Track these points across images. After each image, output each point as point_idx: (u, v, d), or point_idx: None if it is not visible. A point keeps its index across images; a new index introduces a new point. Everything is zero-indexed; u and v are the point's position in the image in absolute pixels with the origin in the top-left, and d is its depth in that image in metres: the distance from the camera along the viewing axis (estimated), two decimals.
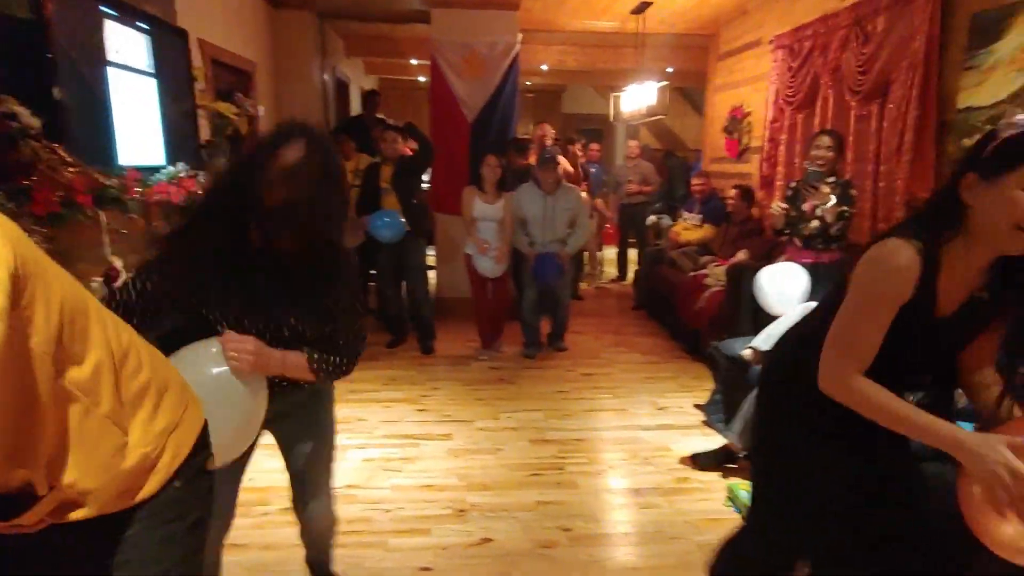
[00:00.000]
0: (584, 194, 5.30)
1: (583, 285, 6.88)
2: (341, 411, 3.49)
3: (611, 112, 6.65)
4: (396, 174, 4.41)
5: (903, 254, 1.20)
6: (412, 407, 3.68)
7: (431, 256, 5.79)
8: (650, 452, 3.16)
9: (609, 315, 6.00)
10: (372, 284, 5.03)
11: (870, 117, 3.83)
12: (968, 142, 3.19)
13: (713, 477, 2.87)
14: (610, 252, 7.64)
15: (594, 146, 7.31)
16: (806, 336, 1.46)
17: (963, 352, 1.37)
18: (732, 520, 2.55)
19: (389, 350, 4.72)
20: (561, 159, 6.13)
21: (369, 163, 4.65)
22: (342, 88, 6.81)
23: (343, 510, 2.55)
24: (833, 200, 3.38)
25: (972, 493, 1.18)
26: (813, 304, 2.69)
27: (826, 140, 3.48)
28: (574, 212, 4.45)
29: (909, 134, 3.44)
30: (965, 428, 1.27)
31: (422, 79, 8.23)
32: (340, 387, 3.90)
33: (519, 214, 4.39)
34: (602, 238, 7.34)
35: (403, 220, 4.33)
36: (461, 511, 2.60)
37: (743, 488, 2.66)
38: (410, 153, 4.58)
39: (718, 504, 2.67)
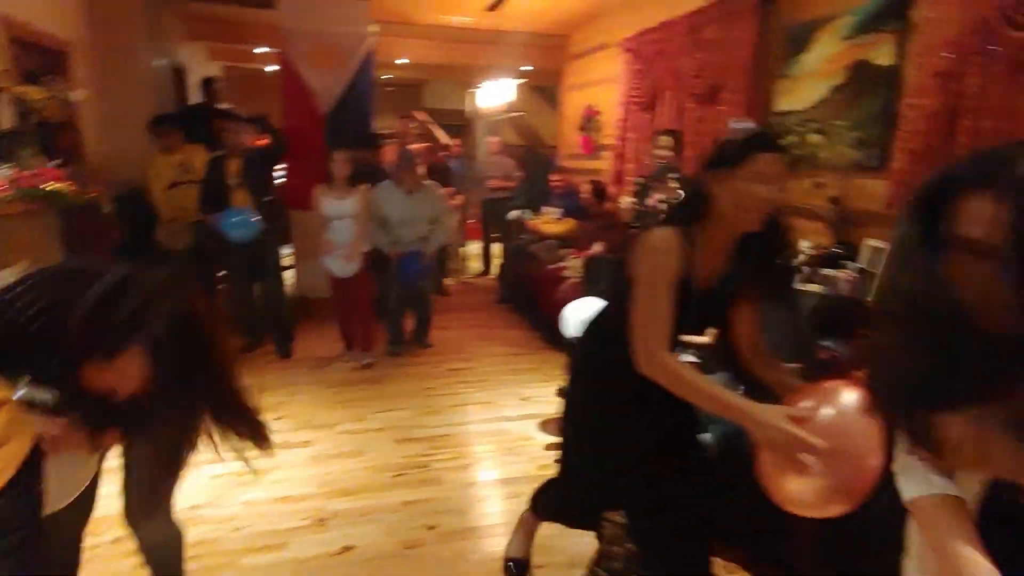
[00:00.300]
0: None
1: (448, 280, 6.87)
2: None
3: (471, 108, 6.68)
4: (245, 168, 4.13)
5: (665, 236, 1.45)
6: (269, 415, 3.41)
7: (288, 254, 5.51)
8: (515, 442, 3.22)
9: (475, 309, 6.04)
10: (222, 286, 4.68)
11: (706, 118, 4.16)
12: (784, 142, 3.55)
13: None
14: (474, 247, 7.68)
15: (455, 141, 7.30)
16: (601, 324, 1.73)
17: (730, 320, 1.63)
18: None
19: (243, 356, 4.42)
20: (434, 128, 6.05)
21: (212, 156, 4.31)
22: (180, 75, 6.25)
23: (187, 533, 2.36)
24: (682, 194, 3.62)
25: (763, 460, 1.33)
26: None
27: (666, 139, 3.73)
28: (435, 210, 4.43)
29: None
30: None
31: (272, 68, 7.78)
32: None
33: (379, 213, 4.28)
34: (465, 233, 7.37)
35: (255, 218, 4.06)
36: (321, 520, 2.49)
37: None
38: (259, 146, 4.31)
39: None
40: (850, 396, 1.26)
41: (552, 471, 2.84)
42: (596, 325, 1.77)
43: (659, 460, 1.65)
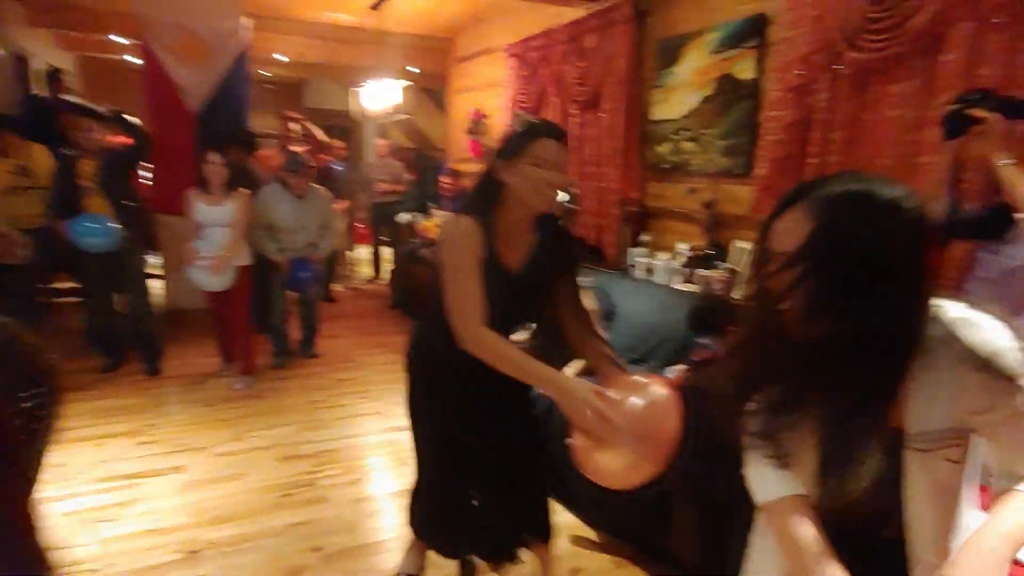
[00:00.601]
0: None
1: (337, 287, 6.64)
2: None
3: (356, 109, 6.49)
4: (101, 170, 3.74)
5: (462, 223, 1.55)
6: (133, 440, 3.17)
7: (155, 264, 5.08)
8: (408, 452, 3.12)
9: (364, 316, 5.87)
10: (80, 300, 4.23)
11: (588, 125, 4.28)
12: (661, 149, 3.73)
13: None
14: (364, 252, 7.48)
15: (339, 143, 7.07)
16: (429, 318, 1.76)
17: (553, 301, 1.74)
18: None
19: (104, 376, 4.02)
20: (313, 129, 5.79)
21: (63, 157, 3.87)
22: (20, 64, 5.60)
23: None
24: (563, 195, 3.68)
25: (575, 437, 1.47)
26: None
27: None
28: (324, 215, 4.24)
29: (618, 141, 3.92)
30: None
31: (135, 59, 7.16)
32: None
33: (265, 219, 4.02)
34: (354, 237, 7.16)
35: (114, 225, 3.69)
36: (194, 552, 2.30)
37: None
38: (118, 145, 3.92)
39: None
40: (652, 386, 1.45)
41: None
42: (420, 327, 1.88)
43: (490, 441, 1.81)
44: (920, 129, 2.32)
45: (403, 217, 6.87)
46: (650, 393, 1.43)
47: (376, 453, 3.13)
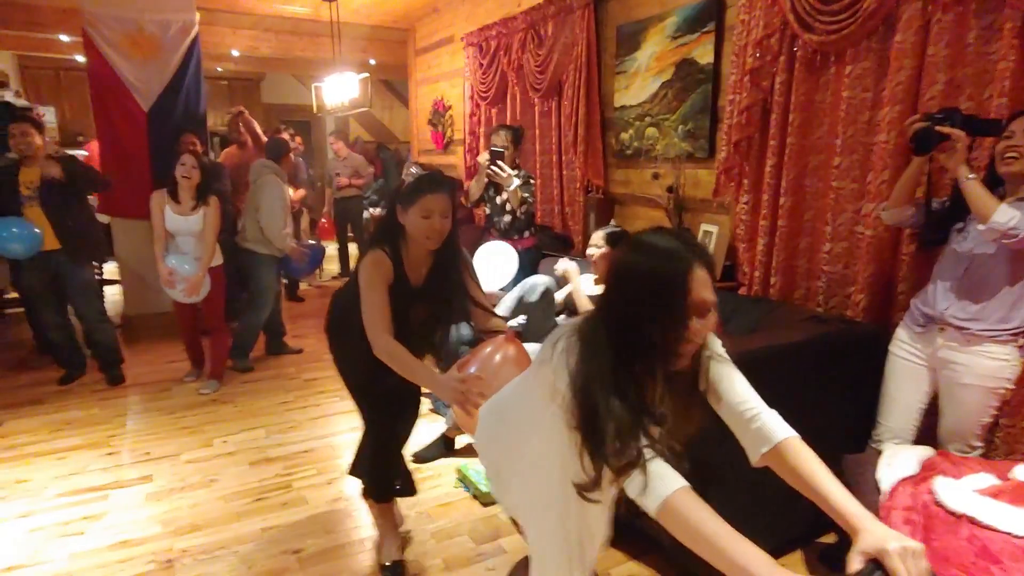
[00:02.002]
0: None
1: (303, 285, 6.54)
2: None
3: (314, 103, 6.36)
4: (45, 191, 3.56)
5: (378, 255, 1.90)
6: (97, 452, 3.07)
7: (112, 269, 4.93)
8: None
9: None
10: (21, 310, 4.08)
11: (550, 113, 4.28)
12: (625, 136, 3.75)
13: (444, 463, 2.95)
14: (330, 248, 7.37)
15: (297, 139, 6.94)
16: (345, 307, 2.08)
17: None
18: (463, 501, 2.65)
19: (63, 388, 3.89)
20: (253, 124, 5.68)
21: (3, 162, 3.69)
22: None
23: None
24: (516, 182, 3.65)
25: (457, 414, 1.83)
26: (535, 280, 3.21)
27: (502, 134, 3.77)
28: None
29: (581, 128, 3.92)
30: None
31: (80, 58, 6.88)
32: None
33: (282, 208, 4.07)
34: (318, 234, 7.04)
35: (35, 231, 3.51)
36: (168, 562, 2.25)
37: (471, 468, 2.78)
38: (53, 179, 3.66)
39: (448, 488, 2.76)
40: (491, 348, 1.92)
41: (417, 474, 2.79)
42: (342, 298, 2.21)
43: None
44: (874, 109, 2.37)
45: (372, 212, 6.79)
46: (496, 359, 1.88)
47: (350, 452, 3.08)
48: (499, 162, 3.61)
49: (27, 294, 3.81)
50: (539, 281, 3.21)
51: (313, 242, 4.12)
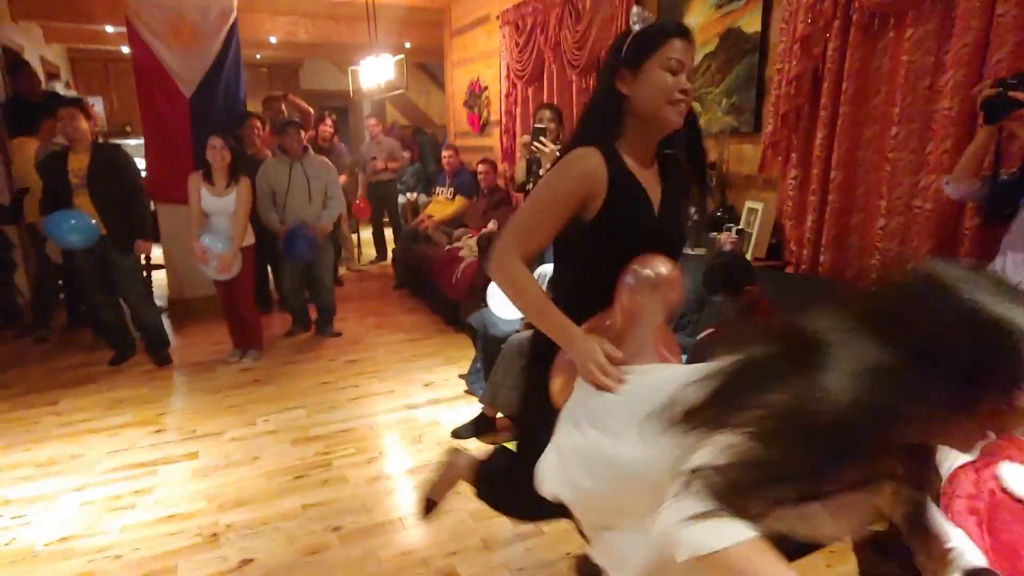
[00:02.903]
0: None
1: (342, 270, 6.61)
2: (45, 451, 2.94)
3: (351, 87, 6.38)
4: (90, 167, 3.64)
5: (591, 159, 1.31)
6: (146, 429, 3.16)
7: (158, 254, 5.05)
8: (421, 429, 3.13)
9: (370, 297, 5.83)
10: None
11: (588, 90, 4.18)
12: None
13: (483, 444, 2.94)
14: (366, 233, 7.43)
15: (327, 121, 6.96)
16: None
17: None
18: None
19: (113, 368, 4.01)
20: (298, 101, 5.75)
21: (52, 152, 3.79)
22: (13, 58, 5.52)
23: (56, 569, 2.11)
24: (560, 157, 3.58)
25: (555, 381, 1.34)
26: (545, 269, 2.93)
27: (547, 113, 3.70)
28: (325, 181, 4.20)
29: None
30: None
31: (126, 49, 7.05)
32: (44, 421, 3.26)
33: (266, 187, 4.07)
34: (356, 218, 7.09)
35: (91, 222, 3.60)
36: (213, 536, 2.29)
37: (512, 447, 2.76)
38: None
39: None
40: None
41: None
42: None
43: None
44: (936, 74, 2.23)
45: (409, 196, 6.81)
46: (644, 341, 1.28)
47: (389, 432, 3.12)
48: (541, 138, 3.57)
49: (78, 277, 3.92)
50: (546, 270, 3.14)
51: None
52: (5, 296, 4.61)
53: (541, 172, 3.73)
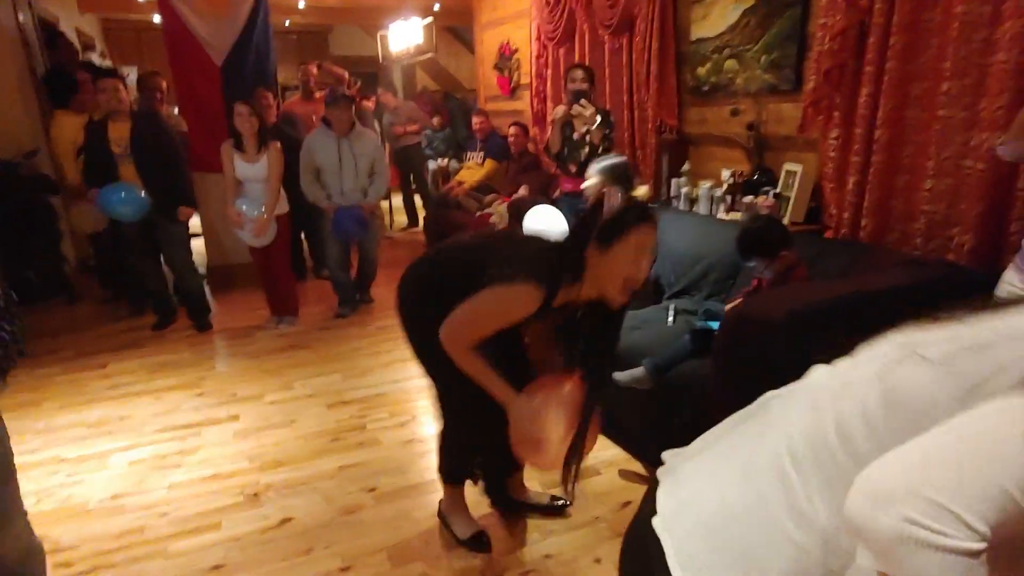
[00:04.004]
0: None
1: None
2: (95, 412, 3.06)
3: (380, 52, 6.32)
4: (136, 148, 3.71)
5: (535, 301, 1.56)
6: (189, 392, 3.27)
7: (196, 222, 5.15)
8: None
9: (401, 264, 5.74)
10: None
11: (621, 50, 4.07)
12: (701, 71, 3.53)
13: None
14: (397, 200, 7.44)
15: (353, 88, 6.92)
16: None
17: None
18: None
19: (156, 333, 4.15)
20: (334, 68, 5.73)
21: (90, 121, 3.87)
22: (50, 29, 5.61)
23: (107, 525, 2.22)
24: (599, 119, 3.56)
25: (514, 439, 1.65)
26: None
27: (579, 73, 3.63)
28: (372, 157, 4.07)
29: (654, 65, 3.72)
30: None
31: (157, 19, 7.09)
32: (94, 384, 3.39)
33: (312, 162, 4.00)
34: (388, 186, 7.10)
35: (142, 195, 3.70)
36: (255, 495, 2.38)
37: None
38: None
39: None
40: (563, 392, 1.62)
41: None
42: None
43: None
44: (992, 25, 2.10)
45: (439, 163, 6.77)
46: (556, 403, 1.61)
47: (421, 396, 3.16)
48: (583, 100, 3.56)
49: (128, 244, 4.03)
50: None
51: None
52: (55, 265, 4.78)
53: (576, 136, 3.68)
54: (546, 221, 3.47)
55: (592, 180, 2.91)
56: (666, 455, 0.96)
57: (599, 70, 4.19)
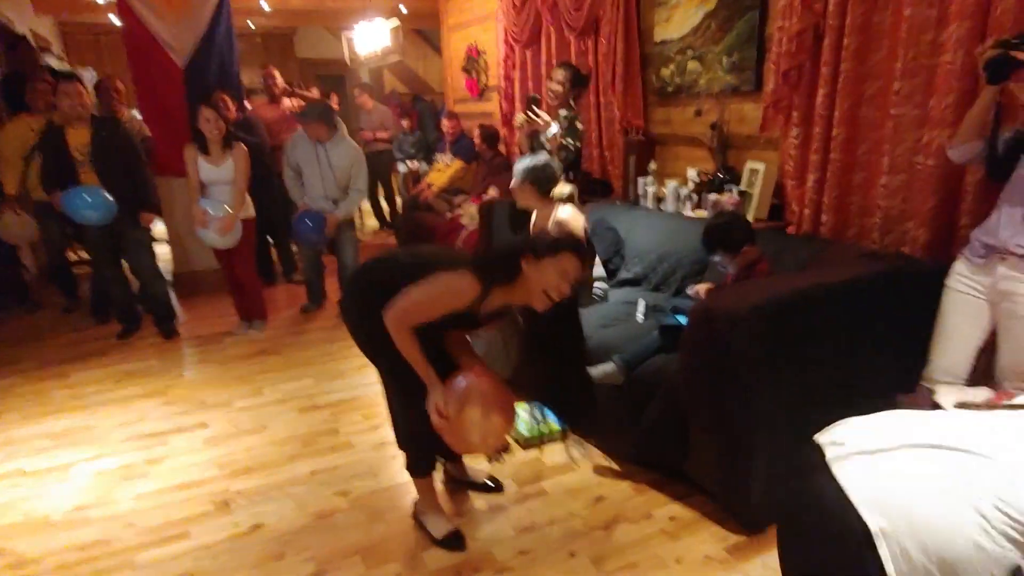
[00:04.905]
0: None
1: None
2: (58, 423, 2.99)
3: (346, 54, 6.28)
4: (94, 140, 3.62)
5: (473, 290, 1.75)
6: (156, 401, 3.21)
7: (160, 228, 5.05)
8: None
9: None
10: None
11: (587, 52, 4.12)
12: (665, 72, 3.59)
13: None
14: (365, 204, 7.39)
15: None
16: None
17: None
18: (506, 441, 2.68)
19: (121, 341, 4.05)
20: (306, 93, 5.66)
21: (47, 125, 3.76)
22: (10, 34, 5.46)
23: (71, 536, 2.17)
24: (554, 128, 3.55)
25: (433, 419, 1.85)
26: None
27: (559, 73, 3.65)
28: (348, 170, 3.94)
29: (620, 66, 3.77)
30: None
31: (117, 21, 6.93)
32: (56, 394, 3.31)
33: (293, 162, 3.98)
34: None
35: (108, 198, 3.59)
36: (225, 503, 2.35)
37: (519, 407, 2.79)
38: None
39: None
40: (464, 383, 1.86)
41: None
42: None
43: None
44: (939, 27, 2.19)
45: (410, 165, 6.74)
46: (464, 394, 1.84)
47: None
48: (534, 107, 3.56)
49: (91, 249, 3.94)
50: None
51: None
52: (13, 273, 4.65)
53: (543, 139, 3.70)
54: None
55: (513, 180, 2.92)
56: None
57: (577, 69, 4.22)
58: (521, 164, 2.93)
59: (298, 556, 2.05)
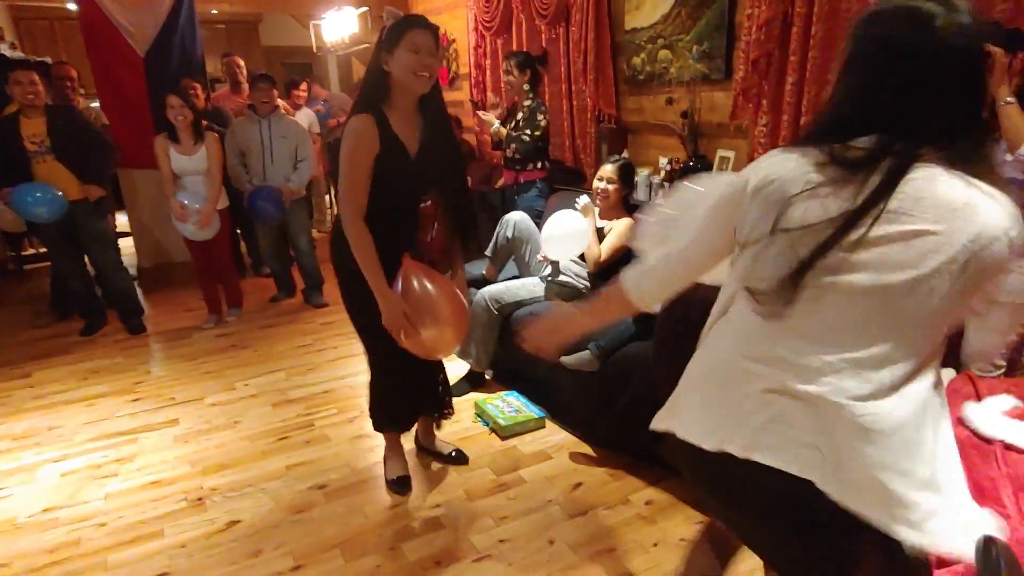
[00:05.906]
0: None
1: (314, 232, 6.51)
2: (20, 423, 2.91)
3: (313, 42, 6.16)
4: (61, 142, 3.50)
5: (358, 121, 1.82)
6: (123, 399, 3.14)
7: (123, 221, 4.93)
8: None
9: None
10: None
11: (558, 40, 4.10)
12: (636, 60, 3.60)
13: (465, 399, 2.97)
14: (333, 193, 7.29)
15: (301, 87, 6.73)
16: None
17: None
18: (481, 434, 2.69)
19: (85, 338, 3.95)
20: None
21: (3, 117, 3.62)
22: None
23: (39, 539, 2.12)
24: (496, 123, 3.74)
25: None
26: (510, 216, 3.24)
27: (510, 61, 3.68)
28: (295, 141, 4.09)
29: (591, 55, 3.76)
30: None
31: (73, 6, 6.68)
32: (18, 394, 3.22)
33: (236, 145, 3.96)
34: (328, 182, 6.95)
35: (59, 194, 3.48)
36: (199, 500, 2.31)
37: (489, 403, 2.80)
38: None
39: (468, 423, 2.79)
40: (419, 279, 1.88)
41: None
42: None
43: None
44: None
45: None
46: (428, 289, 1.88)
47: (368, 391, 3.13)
48: (478, 112, 3.74)
49: (48, 244, 3.82)
50: (512, 217, 3.25)
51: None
52: None
53: (513, 125, 3.71)
54: (566, 224, 3.29)
55: (603, 183, 3.01)
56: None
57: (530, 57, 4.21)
58: (612, 163, 3.02)
59: (275, 552, 2.03)
